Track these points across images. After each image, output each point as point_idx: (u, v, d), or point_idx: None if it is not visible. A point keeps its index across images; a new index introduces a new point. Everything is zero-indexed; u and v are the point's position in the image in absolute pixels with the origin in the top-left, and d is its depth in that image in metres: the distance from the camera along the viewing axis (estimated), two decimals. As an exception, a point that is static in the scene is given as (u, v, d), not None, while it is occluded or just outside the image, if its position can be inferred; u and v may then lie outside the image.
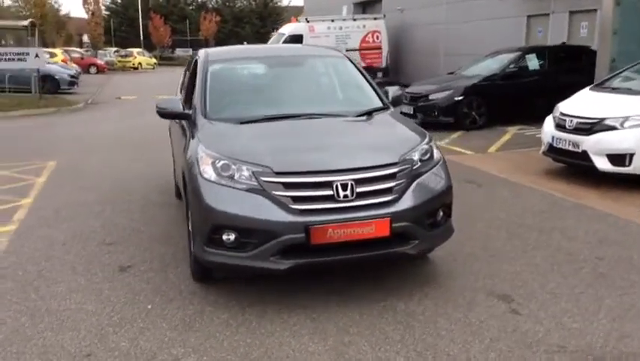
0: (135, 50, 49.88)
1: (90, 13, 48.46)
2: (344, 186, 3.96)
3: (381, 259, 4.39)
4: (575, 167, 7.79)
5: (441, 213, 4.37)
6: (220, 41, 64.37)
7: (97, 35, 49.04)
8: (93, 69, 40.11)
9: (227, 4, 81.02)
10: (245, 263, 3.99)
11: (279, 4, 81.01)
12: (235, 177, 4.03)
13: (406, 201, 4.11)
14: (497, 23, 18.25)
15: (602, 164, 7.10)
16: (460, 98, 11.95)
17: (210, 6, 79.62)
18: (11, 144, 11.83)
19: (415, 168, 4.27)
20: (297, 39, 23.66)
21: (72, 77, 24.84)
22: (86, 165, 9.54)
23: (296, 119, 4.81)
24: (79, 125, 14.94)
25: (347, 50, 23.65)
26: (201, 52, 5.88)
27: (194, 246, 4.30)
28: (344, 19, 24.81)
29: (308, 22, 24.27)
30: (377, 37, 24.37)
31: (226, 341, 3.69)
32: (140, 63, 47.17)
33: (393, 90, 5.61)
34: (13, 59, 17.53)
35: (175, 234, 5.70)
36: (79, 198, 7.27)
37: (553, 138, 7.77)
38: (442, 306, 4.13)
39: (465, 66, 13.66)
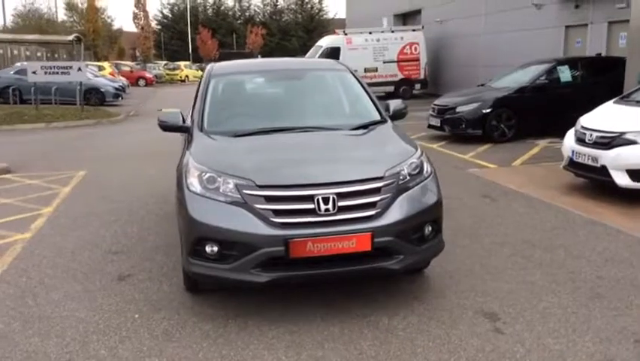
0: (183, 63, 51.10)
1: (140, 27, 49.91)
2: (325, 200, 3.96)
3: (365, 275, 4.36)
4: (595, 182, 7.57)
5: (429, 228, 4.32)
6: (266, 54, 65.23)
7: (146, 49, 50.47)
8: (142, 82, 41.23)
9: (274, 17, 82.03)
10: (226, 275, 4.03)
11: (325, 16, 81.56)
12: (220, 190, 4.09)
13: (390, 216, 4.08)
14: (535, 34, 17.92)
15: (622, 179, 6.87)
16: (489, 110, 11.76)
17: (257, 20, 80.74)
18: (49, 154, 12.27)
19: (402, 182, 4.24)
20: (334, 51, 23.83)
21: (117, 89, 25.61)
22: (113, 175, 9.81)
23: (289, 133, 4.85)
24: (116, 137, 15.38)
25: (384, 62, 23.85)
26: (209, 66, 6.01)
27: (182, 257, 4.38)
28: (382, 31, 24.87)
29: (346, 34, 24.40)
30: (415, 49, 24.33)
31: (202, 353, 3.73)
32: (187, 76, 48.26)
33: (394, 104, 5.59)
34: (57, 73, 18.21)
35: (179, 244, 5.80)
36: (97, 208, 7.48)
37: (573, 152, 7.58)
38: (426, 323, 4.07)
39: (495, 78, 13.46)
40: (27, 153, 12.37)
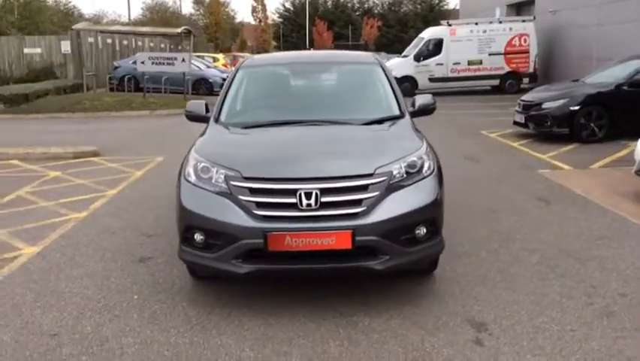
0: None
1: (258, 20, 51.50)
2: (308, 195, 3.93)
3: (347, 273, 4.28)
4: (667, 190, 6.86)
5: (423, 230, 4.15)
6: (381, 46, 64.93)
7: (262, 41, 52.05)
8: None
9: (393, 8, 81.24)
10: (211, 264, 4.12)
11: (445, 7, 79.55)
12: (212, 181, 4.18)
13: (377, 215, 3.97)
14: (653, 25, 16.41)
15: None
16: (577, 107, 10.96)
17: (376, 11, 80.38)
18: (140, 139, 13.07)
19: (395, 180, 4.11)
20: (436, 43, 23.31)
21: (225, 80, 26.65)
22: (187, 162, 10.26)
23: (298, 126, 4.85)
24: (209, 125, 16.04)
25: (490, 55, 22.94)
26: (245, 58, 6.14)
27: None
28: (490, 22, 23.90)
29: (450, 25, 23.73)
30: (524, 41, 23.16)
31: (175, 337, 3.86)
32: (301, 67, 49.08)
33: (422, 99, 5.42)
34: (163, 63, 19.32)
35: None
36: (156, 192, 7.87)
37: (645, 156, 6.91)
38: (406, 327, 3.94)
39: (593, 72, 12.51)
40: (122, 137, 13.26)
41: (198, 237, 4.14)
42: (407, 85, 23.41)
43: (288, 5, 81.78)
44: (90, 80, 22.50)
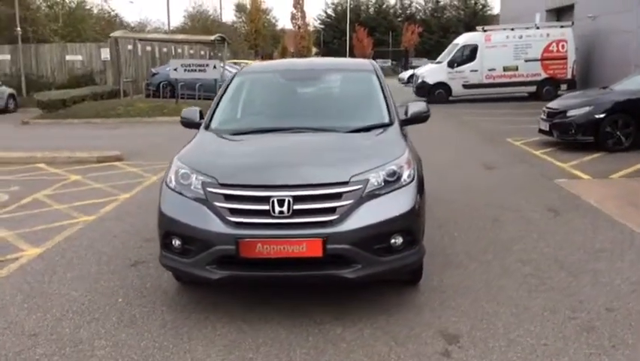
0: (334, 61, 52.20)
1: (297, 27, 51.91)
2: (280, 202, 3.94)
3: (318, 281, 4.27)
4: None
5: (399, 239, 4.09)
6: (423, 52, 64.53)
7: (301, 48, 52.40)
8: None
9: (435, 14, 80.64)
10: (187, 269, 4.17)
11: (489, 12, 78.49)
12: (191, 187, 4.23)
13: (349, 223, 3.95)
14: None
15: None
16: (602, 115, 10.65)
17: (418, 17, 79.91)
18: (164, 144, 13.23)
19: (370, 188, 4.08)
20: (471, 49, 23.03)
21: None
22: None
23: (284, 133, 4.87)
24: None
25: (526, 61, 22.51)
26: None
27: (161, 249, 4.60)
28: (527, 28, 23.45)
29: (485, 31, 23.40)
30: (562, 47, 22.66)
31: (145, 341, 3.92)
32: (339, 74, 49.17)
33: (414, 107, 5.35)
34: (195, 70, 19.64)
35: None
36: (166, 197, 8.00)
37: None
38: (377, 338, 3.90)
39: (623, 80, 12.13)
40: (148, 142, 13.53)
41: (176, 242, 4.20)
42: (440, 92, 23.23)
43: (329, 12, 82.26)
44: (127, 87, 23.04)
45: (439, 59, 24.86)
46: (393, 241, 4.09)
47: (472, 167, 9.82)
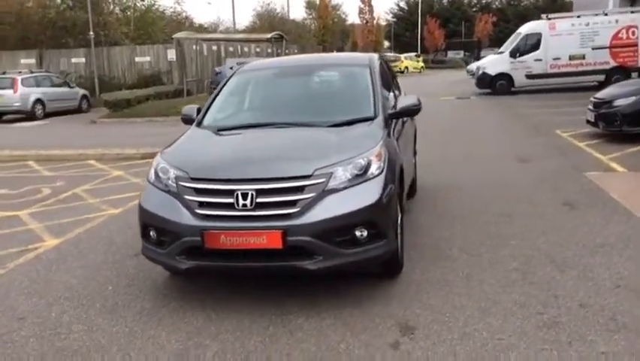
0: (404, 55, 51.76)
1: (364, 21, 51.75)
2: (244, 196, 4.08)
3: (281, 272, 4.36)
4: None
5: (363, 232, 4.14)
6: (497, 42, 62.73)
7: (370, 42, 52.19)
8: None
9: (512, 3, 78.24)
10: (162, 259, 4.40)
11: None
12: (167, 181, 4.45)
13: (310, 216, 4.04)
14: None
15: None
16: (650, 105, 10.11)
17: (494, 6, 77.78)
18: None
19: (336, 181, 4.14)
20: (534, 38, 22.25)
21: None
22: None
23: (266, 128, 5.00)
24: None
25: (593, 49, 21.53)
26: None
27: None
28: (595, 14, 22.37)
29: (549, 19, 22.53)
30: (633, 34, 21.59)
31: (118, 327, 4.15)
32: (406, 67, 48.75)
33: (405, 101, 5.35)
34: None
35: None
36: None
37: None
38: (335, 328, 3.96)
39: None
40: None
41: (152, 234, 4.43)
42: (502, 83, 22.62)
43: (402, 4, 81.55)
44: (192, 86, 23.87)
45: (501, 49, 24.19)
46: (358, 233, 4.14)
47: (507, 160, 9.59)
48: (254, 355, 3.68)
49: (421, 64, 51.45)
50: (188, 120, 5.67)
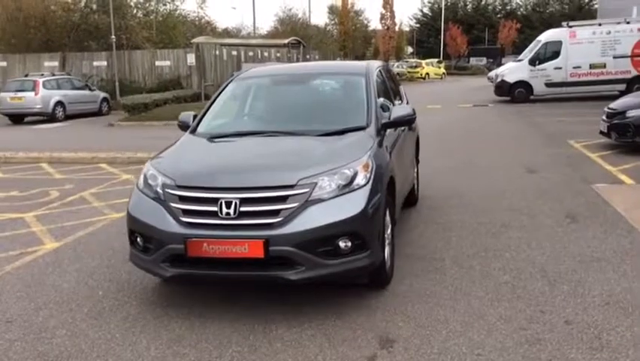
0: (424, 61, 51.48)
1: (385, 27, 51.65)
2: (228, 204, 4.09)
3: (263, 282, 4.36)
4: None
5: (347, 243, 4.12)
6: (522, 48, 62.19)
7: (390, 48, 52.08)
8: (380, 80, 42.66)
9: (537, 9, 77.47)
10: (147, 266, 4.42)
11: (595, 6, 74.19)
12: (155, 188, 4.47)
13: (293, 225, 4.03)
14: None
15: None
16: (664, 116, 9.91)
17: (519, 13, 77.09)
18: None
19: (320, 191, 4.13)
20: (554, 46, 21.99)
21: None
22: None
23: (257, 137, 5.01)
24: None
25: (614, 57, 21.19)
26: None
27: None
28: (617, 23, 22.04)
29: (570, 27, 22.25)
30: (655, 42, 21.11)
31: (101, 333, 4.16)
32: (427, 73, 48.47)
33: (398, 111, 5.32)
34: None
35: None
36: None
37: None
38: (314, 339, 3.94)
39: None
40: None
41: (139, 240, 4.46)
42: (521, 91, 22.40)
43: (425, 10, 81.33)
44: (209, 90, 23.99)
45: (520, 57, 23.96)
46: (341, 244, 4.12)
47: (514, 169, 9.48)
48: (227, 364, 3.68)
49: (443, 70, 51.10)
50: (184, 127, 5.71)
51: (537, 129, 14.68)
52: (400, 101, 6.73)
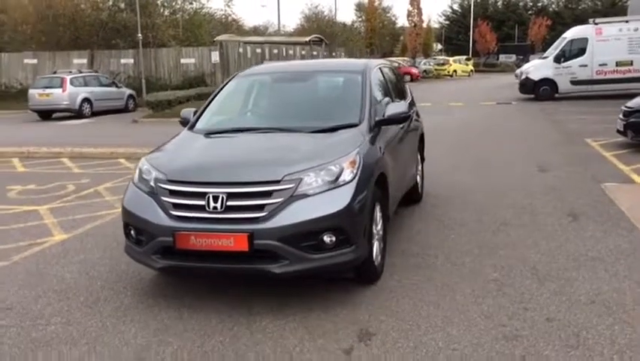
0: (452, 58, 51.07)
1: (412, 24, 51.37)
2: (215, 199, 4.20)
3: (248, 275, 4.46)
4: None
5: (331, 238, 4.19)
6: (549, 46, 61.33)
7: (417, 45, 51.78)
8: (407, 77, 42.48)
9: (569, 6, 76.12)
10: (140, 258, 4.57)
11: (628, 3, 72.62)
12: (148, 182, 4.61)
13: (277, 220, 4.12)
14: None
15: None
16: (681, 114, 9.73)
17: (550, 9, 75.85)
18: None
19: (305, 187, 4.22)
20: (579, 43, 21.65)
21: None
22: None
23: (251, 133, 5.11)
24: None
25: (641, 55, 20.73)
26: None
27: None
28: (644, 19, 21.61)
29: (596, 24, 21.87)
30: (683, 40, 20.64)
31: (92, 321, 4.31)
32: (454, 70, 48.08)
33: (392, 108, 5.35)
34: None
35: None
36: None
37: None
38: (295, 331, 4.03)
39: None
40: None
41: (132, 233, 4.60)
42: (546, 88, 22.10)
43: (455, 7, 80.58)
44: (232, 87, 24.25)
45: (545, 54, 23.65)
46: (326, 239, 4.19)
47: (526, 167, 9.41)
48: (210, 355, 3.79)
49: (470, 67, 50.60)
50: (185, 123, 5.85)
51: (557, 127, 14.51)
52: (403, 99, 6.76)
